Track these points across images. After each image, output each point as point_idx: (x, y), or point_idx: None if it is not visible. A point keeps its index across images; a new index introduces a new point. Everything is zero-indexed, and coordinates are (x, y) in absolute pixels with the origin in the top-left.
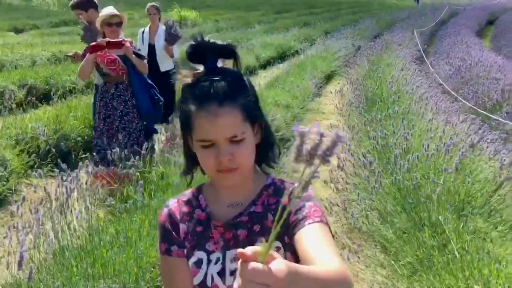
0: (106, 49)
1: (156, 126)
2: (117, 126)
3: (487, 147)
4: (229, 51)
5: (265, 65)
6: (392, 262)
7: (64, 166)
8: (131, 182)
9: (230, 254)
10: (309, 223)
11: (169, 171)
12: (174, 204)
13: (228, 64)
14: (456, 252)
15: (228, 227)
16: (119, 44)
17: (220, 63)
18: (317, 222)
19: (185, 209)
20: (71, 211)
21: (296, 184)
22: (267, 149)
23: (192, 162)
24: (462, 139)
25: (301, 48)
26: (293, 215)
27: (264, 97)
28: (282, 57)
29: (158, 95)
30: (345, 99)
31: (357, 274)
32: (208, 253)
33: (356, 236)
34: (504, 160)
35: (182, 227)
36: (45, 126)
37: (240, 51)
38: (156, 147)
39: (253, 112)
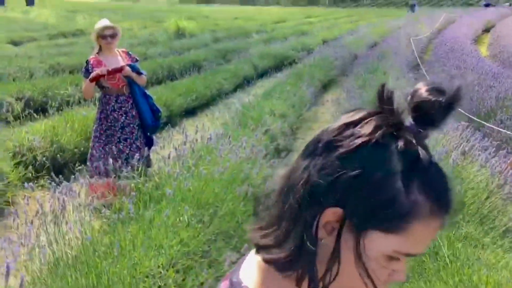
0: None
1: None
2: (119, 137)
3: (479, 154)
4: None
5: (262, 74)
6: None
7: (58, 177)
8: (125, 193)
9: None
10: None
11: (165, 182)
12: None
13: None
14: (447, 259)
15: None
16: (119, 70)
17: None
18: None
19: None
20: (66, 223)
21: None
22: None
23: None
24: (454, 146)
25: (298, 57)
26: None
27: (261, 107)
28: (279, 67)
29: (157, 106)
30: (342, 107)
31: None
32: None
33: None
34: (495, 167)
35: None
36: (42, 138)
37: (237, 61)
38: (151, 157)
39: None
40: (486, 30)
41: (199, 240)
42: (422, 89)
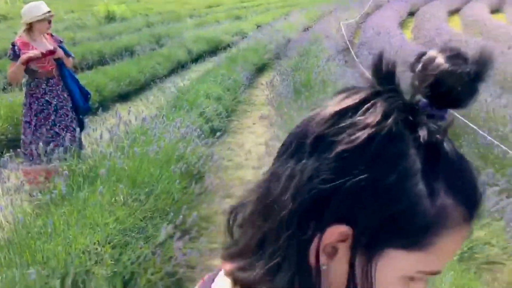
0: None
1: None
2: (53, 120)
3: None
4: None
5: (197, 59)
6: None
7: None
8: (58, 175)
9: None
10: None
11: (98, 163)
12: None
13: None
14: None
15: None
16: (52, 52)
17: None
18: None
19: None
20: None
21: None
22: None
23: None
24: None
25: (232, 41)
26: None
27: (196, 90)
28: (214, 51)
29: (86, 88)
30: (275, 89)
31: None
32: None
33: None
34: None
35: None
36: None
37: (171, 45)
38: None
39: None
40: (412, 14)
41: (135, 218)
42: (440, 58)
